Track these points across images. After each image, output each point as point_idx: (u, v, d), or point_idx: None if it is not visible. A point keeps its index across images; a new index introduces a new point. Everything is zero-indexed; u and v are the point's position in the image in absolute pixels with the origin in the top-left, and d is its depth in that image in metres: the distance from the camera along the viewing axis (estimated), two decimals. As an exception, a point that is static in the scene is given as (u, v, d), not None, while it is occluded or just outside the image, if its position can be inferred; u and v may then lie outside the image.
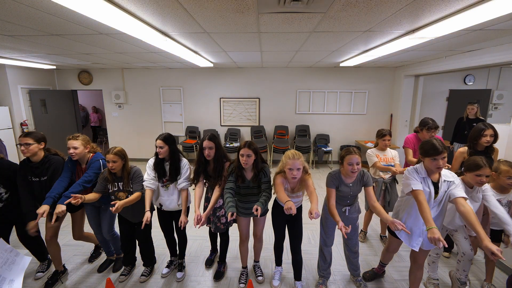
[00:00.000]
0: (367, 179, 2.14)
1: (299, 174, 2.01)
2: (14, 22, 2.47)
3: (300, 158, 2.01)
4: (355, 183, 2.16)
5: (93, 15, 2.11)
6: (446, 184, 1.88)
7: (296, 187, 2.16)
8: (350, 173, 2.06)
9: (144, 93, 6.72)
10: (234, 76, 6.48)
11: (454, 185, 1.86)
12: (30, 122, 6.01)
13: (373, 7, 2.11)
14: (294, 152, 2.02)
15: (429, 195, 1.88)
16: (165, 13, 2.25)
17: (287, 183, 2.14)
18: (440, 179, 1.89)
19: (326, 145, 6.39)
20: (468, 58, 4.00)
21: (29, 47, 3.64)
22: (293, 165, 1.98)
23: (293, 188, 2.16)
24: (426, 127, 2.84)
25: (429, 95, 6.29)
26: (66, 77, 6.73)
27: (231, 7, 2.10)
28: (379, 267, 2.56)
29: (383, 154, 2.94)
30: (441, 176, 1.89)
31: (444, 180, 1.88)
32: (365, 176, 2.15)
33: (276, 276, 2.51)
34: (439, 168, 1.83)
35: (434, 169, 1.85)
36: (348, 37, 3.13)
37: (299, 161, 1.99)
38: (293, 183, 2.13)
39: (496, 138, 2.47)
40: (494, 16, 2.12)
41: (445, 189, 1.88)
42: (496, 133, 2.46)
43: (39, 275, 2.58)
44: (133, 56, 4.53)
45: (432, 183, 1.90)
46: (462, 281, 2.21)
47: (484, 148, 2.51)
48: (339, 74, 6.35)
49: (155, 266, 2.72)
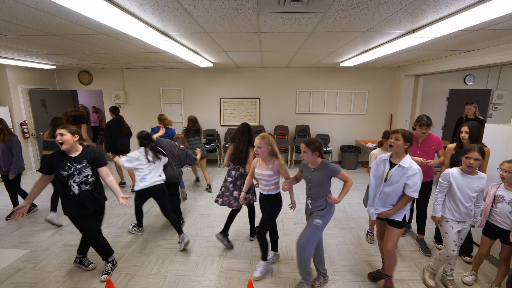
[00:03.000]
0: (332, 168, 2.18)
1: (261, 151, 2.34)
2: (14, 22, 2.47)
3: (264, 140, 2.32)
4: (317, 170, 2.21)
5: (93, 15, 2.11)
6: (400, 169, 2.10)
7: (265, 161, 2.44)
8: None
9: (144, 93, 6.72)
10: (234, 76, 6.48)
11: (407, 177, 2.07)
12: (30, 122, 6.00)
13: (373, 7, 2.11)
14: (262, 135, 2.36)
15: (382, 175, 2.20)
16: (165, 13, 2.25)
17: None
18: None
19: (326, 145, 6.38)
20: (468, 58, 4.00)
21: (29, 47, 3.64)
22: (255, 143, 2.36)
23: (263, 160, 2.45)
24: (419, 123, 2.90)
25: (429, 95, 6.29)
26: (66, 77, 6.73)
27: (231, 7, 2.10)
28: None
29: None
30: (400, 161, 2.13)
31: (400, 165, 2.11)
32: (329, 166, 2.19)
33: (259, 268, 2.60)
34: (391, 147, 2.14)
35: (389, 150, 2.21)
36: (348, 37, 3.13)
37: (258, 141, 2.33)
38: (261, 156, 2.42)
39: (475, 136, 2.57)
40: (494, 16, 2.11)
41: (400, 173, 2.10)
42: (473, 132, 2.57)
43: (104, 278, 2.50)
44: (133, 56, 4.53)
45: (390, 164, 2.18)
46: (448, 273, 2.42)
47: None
48: (339, 74, 6.35)
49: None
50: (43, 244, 3.13)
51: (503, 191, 2.21)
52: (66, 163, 2.31)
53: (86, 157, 2.39)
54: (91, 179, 2.42)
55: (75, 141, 2.35)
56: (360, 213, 3.93)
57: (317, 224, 2.20)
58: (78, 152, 2.38)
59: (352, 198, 4.49)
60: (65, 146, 2.28)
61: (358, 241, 3.20)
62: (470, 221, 2.29)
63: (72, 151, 2.35)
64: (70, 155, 2.35)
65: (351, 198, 4.50)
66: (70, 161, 2.33)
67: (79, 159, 2.36)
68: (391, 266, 2.28)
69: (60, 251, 2.98)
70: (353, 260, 2.84)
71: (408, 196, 2.09)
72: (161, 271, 2.66)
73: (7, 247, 3.08)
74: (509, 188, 2.19)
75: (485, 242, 2.36)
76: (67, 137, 2.28)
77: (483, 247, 2.38)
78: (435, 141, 2.95)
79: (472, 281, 2.45)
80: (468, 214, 2.22)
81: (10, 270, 2.67)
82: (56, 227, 3.50)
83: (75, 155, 2.36)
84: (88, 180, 2.41)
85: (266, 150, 2.35)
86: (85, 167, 2.38)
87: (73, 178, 2.33)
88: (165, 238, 3.26)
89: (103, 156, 2.49)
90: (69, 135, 2.29)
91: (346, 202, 4.31)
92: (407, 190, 2.09)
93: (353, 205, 4.23)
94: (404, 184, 2.09)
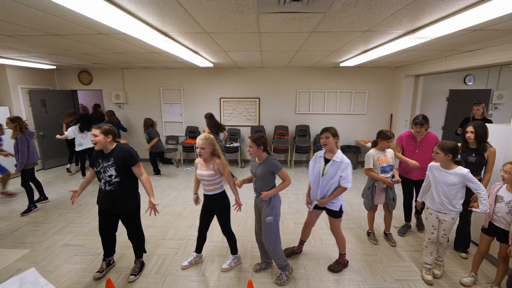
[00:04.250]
0: (274, 164, 2.34)
1: (204, 152, 2.37)
2: (14, 22, 2.47)
3: (206, 140, 2.35)
4: (262, 164, 2.36)
5: (93, 15, 2.11)
6: (335, 163, 2.36)
7: (206, 161, 2.46)
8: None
9: (144, 93, 6.72)
10: (234, 76, 6.48)
11: (342, 170, 2.34)
12: (30, 122, 6.00)
13: (373, 7, 2.11)
14: (204, 135, 2.39)
15: (319, 170, 2.45)
16: (165, 13, 2.25)
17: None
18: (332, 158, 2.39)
19: (326, 145, 6.37)
20: (468, 58, 4.00)
21: (29, 47, 3.64)
22: (197, 144, 2.38)
23: (204, 160, 2.47)
24: (413, 122, 3.04)
25: (429, 95, 6.29)
26: (66, 77, 6.73)
27: (231, 7, 2.10)
28: (298, 245, 2.92)
29: (384, 155, 2.94)
30: (333, 156, 2.39)
31: (333, 160, 2.37)
32: (272, 161, 2.35)
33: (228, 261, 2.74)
34: (325, 145, 2.41)
35: (324, 148, 2.48)
36: (348, 37, 3.13)
37: (201, 142, 2.35)
38: (203, 157, 2.45)
39: (480, 136, 2.62)
40: (494, 16, 2.11)
41: (334, 167, 2.36)
42: (478, 131, 2.62)
43: (132, 278, 2.52)
44: (133, 56, 4.53)
45: (324, 160, 2.44)
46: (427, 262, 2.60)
47: (476, 145, 2.68)
48: (339, 74, 6.35)
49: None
50: (43, 244, 3.13)
51: (504, 191, 2.24)
52: (98, 159, 2.38)
53: (114, 156, 2.34)
54: (114, 180, 2.34)
55: (109, 141, 2.34)
56: (360, 213, 3.93)
57: (270, 221, 2.38)
58: (110, 150, 2.37)
59: (352, 198, 4.49)
60: (98, 147, 2.33)
61: (358, 241, 3.20)
62: (452, 215, 2.39)
63: (106, 149, 2.37)
64: (104, 153, 2.38)
65: (351, 198, 4.50)
66: (101, 157, 2.37)
67: (108, 157, 2.35)
68: (341, 245, 2.64)
69: (60, 251, 2.98)
70: (353, 260, 2.84)
71: (343, 187, 2.37)
72: (161, 271, 2.66)
73: (7, 247, 3.08)
74: (510, 189, 2.21)
75: (483, 240, 2.40)
76: (100, 138, 2.30)
77: (482, 245, 2.42)
78: (433, 140, 3.04)
79: (471, 282, 2.45)
80: (444, 206, 2.38)
81: (10, 270, 2.67)
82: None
83: (107, 152, 2.37)
84: (112, 180, 2.34)
85: (209, 150, 2.38)
86: (110, 167, 2.32)
87: (100, 175, 2.36)
88: (165, 238, 3.27)
89: (133, 155, 2.38)
90: (102, 136, 2.31)
91: (346, 202, 4.29)
92: (341, 182, 2.36)
93: (353, 205, 4.23)
94: (339, 176, 2.35)
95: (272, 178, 2.40)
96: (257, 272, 2.64)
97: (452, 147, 2.29)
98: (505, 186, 2.25)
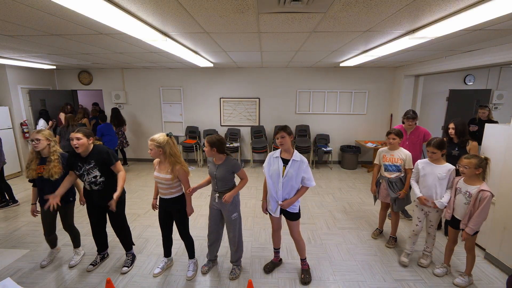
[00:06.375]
0: (234, 164, 2.38)
1: (152, 153, 2.32)
2: (14, 22, 2.47)
3: (152, 142, 2.29)
4: (222, 165, 2.36)
5: (93, 15, 2.11)
6: (295, 163, 2.29)
7: (162, 164, 2.39)
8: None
9: (144, 93, 6.72)
10: (234, 76, 6.48)
11: (303, 170, 2.31)
12: (30, 122, 6.00)
13: (373, 7, 2.11)
14: (152, 137, 2.34)
15: (278, 172, 2.33)
16: (165, 13, 2.25)
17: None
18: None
19: (326, 145, 6.39)
20: (468, 58, 4.00)
21: (29, 47, 3.64)
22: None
23: (160, 162, 2.41)
24: (405, 116, 3.41)
25: (429, 95, 6.29)
26: (66, 77, 6.73)
27: (231, 7, 2.10)
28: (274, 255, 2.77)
29: (390, 154, 2.99)
30: (292, 156, 2.31)
31: (293, 159, 2.29)
32: (232, 161, 2.38)
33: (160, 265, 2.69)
34: (282, 145, 2.31)
35: (280, 148, 2.37)
36: (348, 37, 3.13)
37: (149, 142, 2.32)
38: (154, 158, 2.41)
39: (460, 132, 2.99)
40: (494, 16, 2.11)
41: (294, 167, 2.29)
42: (458, 128, 2.99)
43: (125, 270, 2.64)
44: (133, 56, 4.53)
45: (283, 161, 2.33)
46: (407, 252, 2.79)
47: (457, 140, 3.04)
48: (339, 74, 6.35)
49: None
50: (43, 244, 3.12)
51: (461, 183, 2.38)
52: (78, 163, 2.39)
53: (94, 158, 2.39)
54: (100, 180, 2.43)
55: (90, 143, 2.37)
56: (360, 213, 3.93)
57: (235, 218, 2.46)
58: (88, 153, 2.39)
59: (352, 198, 4.49)
60: (80, 150, 2.32)
61: (358, 241, 3.20)
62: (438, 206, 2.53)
63: (85, 152, 2.38)
64: (82, 156, 2.38)
65: (351, 198, 4.50)
66: (81, 161, 2.38)
67: (88, 159, 2.38)
68: (302, 249, 2.55)
69: (60, 251, 2.98)
70: (353, 260, 2.84)
71: (306, 187, 2.36)
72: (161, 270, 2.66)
73: (7, 247, 3.08)
74: (467, 181, 2.34)
75: (450, 232, 2.53)
76: (83, 141, 2.31)
77: (450, 238, 2.55)
78: (421, 132, 3.42)
79: (443, 273, 2.58)
80: (432, 198, 2.55)
81: (10, 270, 2.68)
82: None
83: (85, 155, 2.38)
84: (98, 180, 2.42)
85: (157, 152, 2.30)
86: (93, 168, 2.39)
87: (83, 177, 2.40)
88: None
89: (110, 155, 2.43)
90: (85, 139, 2.32)
91: (346, 202, 4.31)
92: (306, 182, 2.33)
93: (353, 205, 4.23)
94: (302, 177, 2.31)
95: (232, 178, 2.44)
96: (205, 274, 2.61)
97: (443, 144, 2.52)
98: (462, 179, 2.40)
